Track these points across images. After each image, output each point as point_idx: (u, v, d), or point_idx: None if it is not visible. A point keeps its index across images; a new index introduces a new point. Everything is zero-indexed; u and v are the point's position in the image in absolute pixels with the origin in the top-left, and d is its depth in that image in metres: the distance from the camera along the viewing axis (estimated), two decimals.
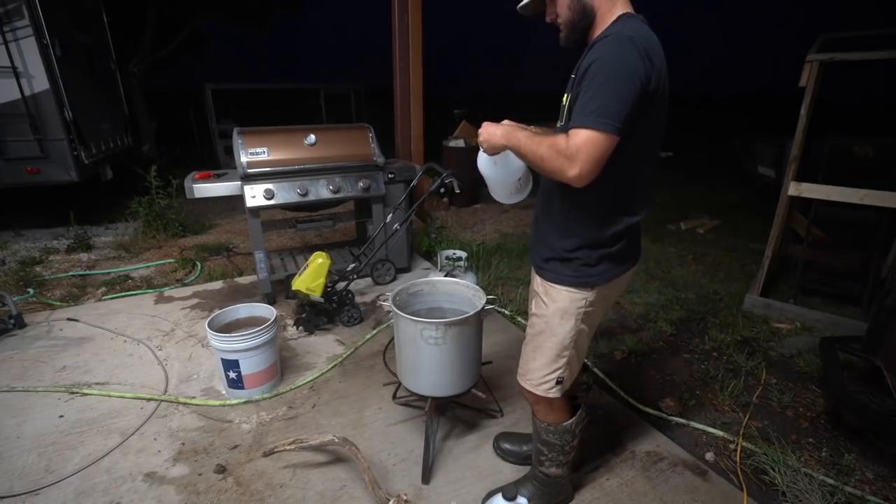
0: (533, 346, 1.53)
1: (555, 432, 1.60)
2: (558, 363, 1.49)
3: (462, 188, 2.86)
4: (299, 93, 11.47)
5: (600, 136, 1.12)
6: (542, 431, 1.62)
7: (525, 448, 1.95)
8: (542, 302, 1.48)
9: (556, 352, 1.48)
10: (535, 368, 1.52)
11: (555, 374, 1.50)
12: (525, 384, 1.57)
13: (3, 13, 4.40)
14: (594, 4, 1.27)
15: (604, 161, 1.15)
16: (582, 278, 1.40)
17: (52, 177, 4.93)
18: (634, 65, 1.14)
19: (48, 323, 3.11)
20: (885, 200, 2.76)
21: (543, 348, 1.49)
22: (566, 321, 1.44)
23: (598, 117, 1.12)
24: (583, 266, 1.40)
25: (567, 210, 1.39)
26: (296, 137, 3.31)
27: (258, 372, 2.33)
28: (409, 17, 4.51)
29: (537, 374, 1.52)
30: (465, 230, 5.41)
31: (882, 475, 1.94)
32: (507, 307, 3.34)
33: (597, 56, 1.16)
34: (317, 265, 2.85)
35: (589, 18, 1.29)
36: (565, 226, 1.41)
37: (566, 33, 1.35)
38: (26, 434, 2.11)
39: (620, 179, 1.30)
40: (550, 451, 1.63)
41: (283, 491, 1.82)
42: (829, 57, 2.85)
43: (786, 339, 3.00)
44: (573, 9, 1.29)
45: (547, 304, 1.46)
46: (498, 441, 2.03)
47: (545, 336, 1.48)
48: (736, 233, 5.33)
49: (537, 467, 1.70)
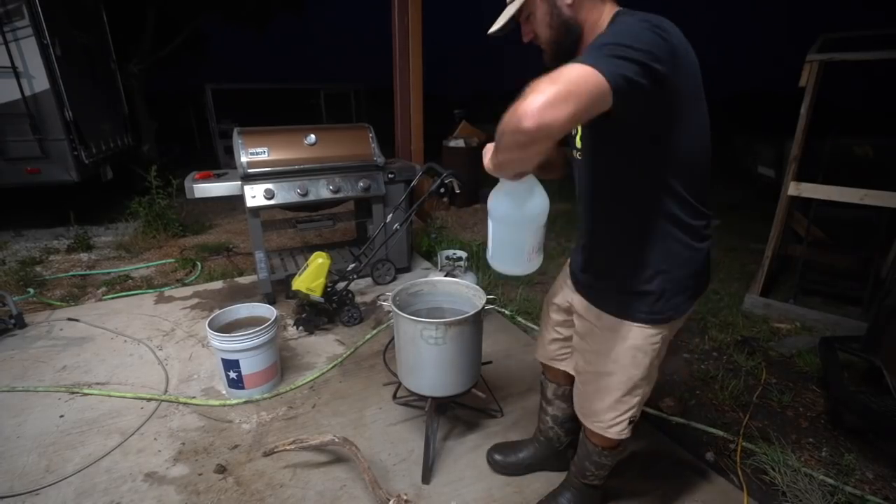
0: (596, 386, 1.35)
1: (609, 455, 1.50)
2: (631, 402, 1.33)
3: (462, 188, 2.86)
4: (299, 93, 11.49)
5: (586, 69, 0.83)
6: (594, 454, 1.51)
7: (521, 457, 1.89)
8: (603, 337, 1.29)
9: (626, 390, 1.30)
10: (604, 410, 1.35)
11: (627, 414, 1.35)
12: (592, 426, 1.40)
13: (4, 13, 4.40)
14: (578, 18, 1.11)
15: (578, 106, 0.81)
16: (658, 314, 1.22)
17: (53, 177, 4.93)
18: (647, 32, 0.94)
19: (48, 323, 3.11)
20: (885, 200, 2.76)
21: (612, 389, 1.31)
22: (640, 359, 1.27)
23: (581, 61, 0.85)
24: (659, 301, 1.20)
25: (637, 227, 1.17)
26: (296, 137, 3.31)
27: (258, 372, 2.33)
28: (409, 17, 4.51)
29: (607, 416, 1.36)
30: (465, 230, 5.40)
31: (882, 475, 1.94)
32: (507, 307, 3.34)
33: (601, 35, 1.00)
34: (317, 265, 2.85)
35: (575, 33, 1.12)
36: (637, 250, 1.19)
37: (552, 53, 1.17)
38: (26, 434, 2.11)
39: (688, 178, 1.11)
40: (599, 469, 1.55)
41: (284, 491, 1.82)
42: (829, 57, 2.85)
43: (786, 339, 3.00)
44: (553, 26, 1.13)
45: (617, 341, 1.27)
46: (491, 454, 1.94)
47: (616, 377, 1.30)
48: (736, 233, 5.33)
49: (579, 479, 1.62)
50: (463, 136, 6.85)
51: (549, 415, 1.81)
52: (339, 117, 11.26)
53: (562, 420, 1.79)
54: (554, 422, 1.81)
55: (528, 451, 1.90)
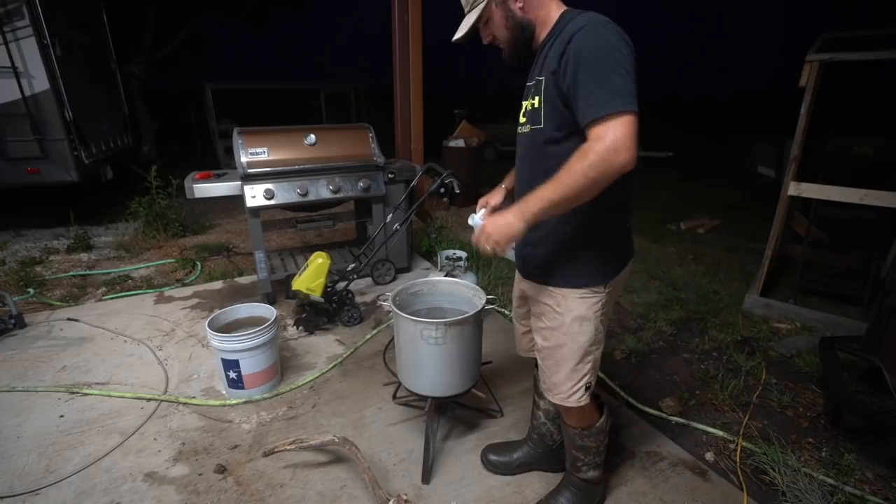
0: (553, 360, 1.47)
1: (589, 435, 1.57)
2: (584, 370, 1.45)
3: (462, 188, 2.86)
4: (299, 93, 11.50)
5: (630, 116, 1.08)
6: (575, 437, 1.59)
7: (515, 456, 1.91)
8: (555, 314, 1.43)
9: (579, 359, 1.43)
10: (561, 381, 1.47)
11: (582, 381, 1.46)
12: (554, 399, 1.52)
13: (4, 13, 4.41)
14: (530, 17, 1.28)
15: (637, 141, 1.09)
16: (593, 277, 1.37)
17: (53, 177, 4.93)
18: (624, 46, 1.13)
19: (48, 323, 3.11)
20: (885, 200, 2.76)
21: (566, 359, 1.44)
22: (586, 327, 1.40)
23: (619, 99, 1.08)
24: (592, 263, 1.37)
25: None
26: (296, 137, 3.31)
27: (258, 372, 2.33)
28: (409, 17, 4.51)
29: (565, 386, 1.47)
30: (466, 230, 5.40)
31: (882, 475, 1.94)
32: (507, 307, 3.34)
33: (581, 45, 1.13)
34: (317, 265, 2.85)
35: (529, 30, 1.29)
36: (566, 226, 1.35)
37: (510, 50, 1.35)
38: (26, 434, 2.11)
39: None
40: (587, 454, 1.61)
41: (283, 491, 1.82)
42: (829, 57, 2.86)
43: (786, 339, 3.00)
44: (510, 27, 1.30)
45: (563, 314, 1.41)
46: (486, 455, 1.95)
47: (567, 348, 1.43)
48: (736, 233, 5.33)
49: (574, 474, 1.67)
50: (463, 136, 6.86)
51: (542, 409, 1.83)
52: (339, 117, 11.27)
53: (553, 415, 1.81)
54: (546, 416, 1.82)
55: (522, 451, 1.91)
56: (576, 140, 1.20)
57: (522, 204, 1.17)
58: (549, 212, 1.16)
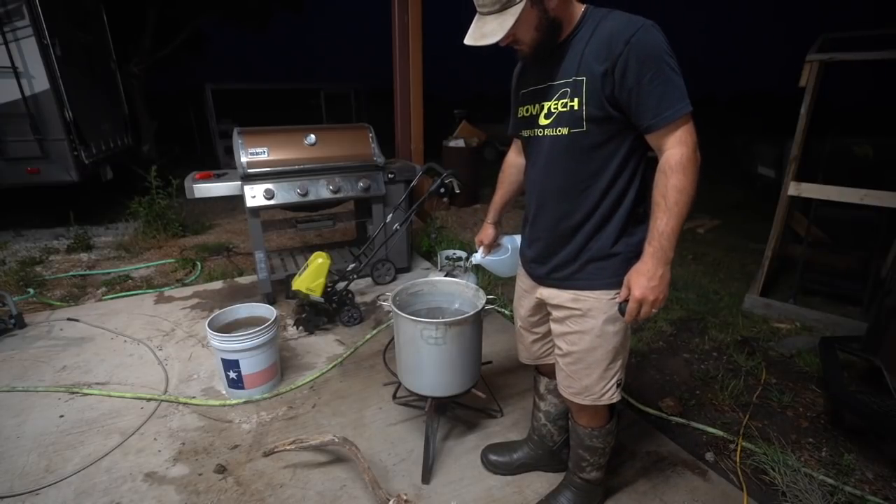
0: (584, 364, 1.43)
1: (599, 436, 1.56)
2: (615, 368, 1.43)
3: (462, 188, 2.86)
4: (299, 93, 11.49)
5: (690, 115, 1.18)
6: (585, 437, 1.57)
7: (515, 457, 1.90)
8: (586, 318, 1.39)
9: (611, 360, 1.42)
10: (594, 383, 1.44)
11: (614, 379, 1.44)
12: (585, 401, 1.48)
13: (4, 13, 4.40)
14: (560, 16, 1.25)
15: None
16: (623, 276, 1.30)
17: (53, 177, 4.93)
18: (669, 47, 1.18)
19: (48, 323, 3.11)
20: (885, 200, 2.76)
21: (599, 362, 1.42)
22: (619, 327, 1.38)
23: (685, 100, 1.16)
24: (622, 263, 1.32)
25: (598, 200, 1.32)
26: (296, 137, 3.31)
27: (258, 372, 2.33)
28: (409, 17, 4.51)
29: (597, 387, 1.44)
30: (465, 230, 5.41)
31: (882, 475, 1.94)
32: (507, 307, 3.34)
33: (645, 48, 1.14)
34: (317, 265, 2.85)
35: (558, 28, 1.26)
36: (601, 232, 1.33)
37: (536, 51, 1.28)
38: (26, 434, 2.11)
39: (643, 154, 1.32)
40: (593, 455, 1.60)
41: (283, 491, 1.82)
42: (829, 57, 2.86)
43: (786, 339, 3.00)
44: (542, 27, 1.24)
45: (595, 317, 1.37)
46: (486, 455, 1.94)
47: (600, 350, 1.40)
48: (736, 233, 5.33)
49: (577, 474, 1.66)
50: (463, 136, 6.86)
51: (542, 411, 1.82)
52: (339, 117, 11.27)
53: (554, 416, 1.80)
54: (546, 418, 1.82)
55: (522, 452, 1.91)
56: (616, 142, 1.26)
57: (655, 250, 1.20)
58: (676, 240, 1.20)
